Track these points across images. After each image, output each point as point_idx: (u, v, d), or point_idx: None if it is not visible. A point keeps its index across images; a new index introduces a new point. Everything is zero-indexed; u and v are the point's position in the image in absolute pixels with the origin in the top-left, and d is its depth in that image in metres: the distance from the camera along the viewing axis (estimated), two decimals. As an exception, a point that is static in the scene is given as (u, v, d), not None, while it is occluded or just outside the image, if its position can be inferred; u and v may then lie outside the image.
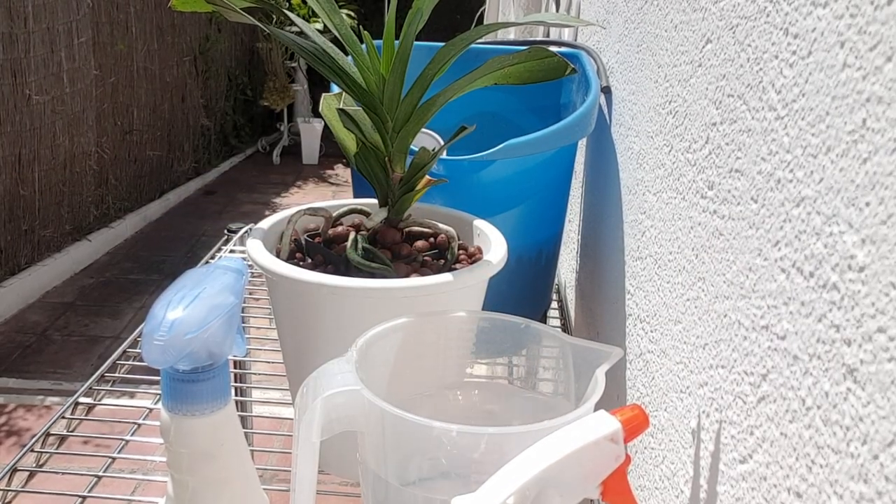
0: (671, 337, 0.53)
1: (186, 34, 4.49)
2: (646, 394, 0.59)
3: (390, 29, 0.55)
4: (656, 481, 0.55)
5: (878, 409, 0.28)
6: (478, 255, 0.59)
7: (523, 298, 0.80)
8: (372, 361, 0.43)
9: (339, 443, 0.42)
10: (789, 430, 0.35)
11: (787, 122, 0.37)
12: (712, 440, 0.44)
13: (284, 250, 0.59)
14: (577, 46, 0.92)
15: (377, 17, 5.58)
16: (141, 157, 4.07)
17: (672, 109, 0.57)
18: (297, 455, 0.39)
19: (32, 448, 0.65)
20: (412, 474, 0.39)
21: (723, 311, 0.44)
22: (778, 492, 0.35)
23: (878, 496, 0.27)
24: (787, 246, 0.36)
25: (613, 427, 0.34)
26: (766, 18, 0.40)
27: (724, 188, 0.44)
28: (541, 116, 0.93)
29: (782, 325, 0.36)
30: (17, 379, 2.50)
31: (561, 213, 0.82)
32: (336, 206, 0.64)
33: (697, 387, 0.47)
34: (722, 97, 0.46)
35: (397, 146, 0.57)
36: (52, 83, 3.15)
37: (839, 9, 0.32)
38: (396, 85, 0.55)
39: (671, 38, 0.58)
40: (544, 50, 0.55)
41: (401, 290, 0.51)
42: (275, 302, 0.58)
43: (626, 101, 0.74)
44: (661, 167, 0.59)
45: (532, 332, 0.46)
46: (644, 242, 0.63)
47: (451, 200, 0.66)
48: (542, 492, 0.32)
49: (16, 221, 3.03)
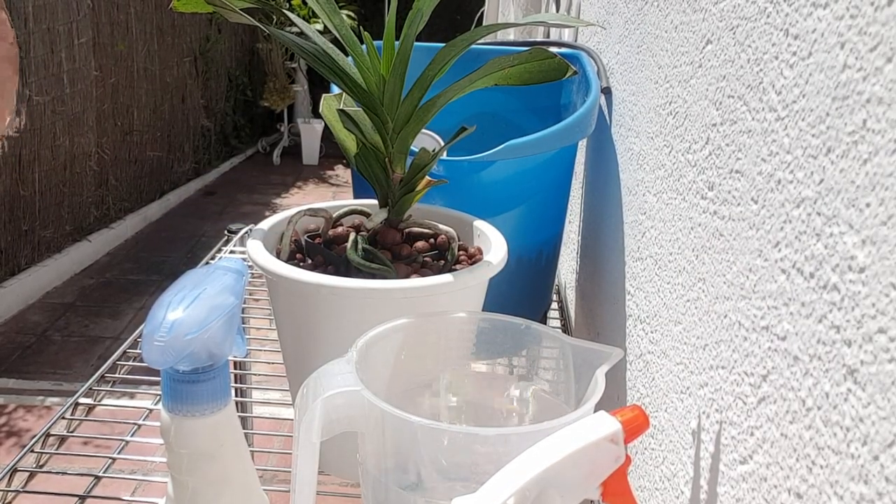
0: (671, 338, 0.53)
1: (187, 35, 4.49)
2: (646, 394, 0.59)
3: (390, 30, 0.55)
4: (656, 482, 0.55)
5: (878, 409, 0.28)
6: (478, 256, 0.59)
7: (523, 299, 0.80)
8: (372, 362, 0.43)
9: (340, 444, 0.42)
10: (790, 431, 0.35)
11: (788, 122, 0.37)
12: (712, 441, 0.44)
13: (285, 251, 0.59)
14: (577, 47, 0.92)
15: (377, 17, 5.59)
16: (141, 157, 4.07)
17: (672, 110, 0.57)
18: (297, 456, 0.39)
19: (32, 448, 0.65)
20: (412, 475, 0.39)
21: (723, 312, 0.44)
22: (778, 493, 0.35)
23: (878, 497, 0.27)
24: (787, 247, 0.36)
25: (614, 428, 0.34)
26: (766, 19, 0.40)
27: (725, 189, 0.44)
28: (541, 117, 0.93)
29: (783, 326, 0.36)
30: (17, 379, 2.50)
31: (561, 214, 0.82)
32: (336, 207, 0.64)
33: (698, 387, 0.47)
34: (722, 98, 0.46)
35: (397, 147, 0.57)
36: (53, 84, 3.15)
37: (839, 10, 0.32)
38: (397, 86, 0.55)
39: (671, 39, 0.58)
40: (545, 51, 0.55)
41: (401, 291, 0.51)
42: (275, 303, 0.58)
43: (626, 101, 0.74)
44: (661, 168, 0.59)
45: (532, 332, 0.46)
46: (644, 243, 0.63)
47: (451, 201, 0.66)
48: (543, 492, 0.32)
49: (16, 222, 3.03)
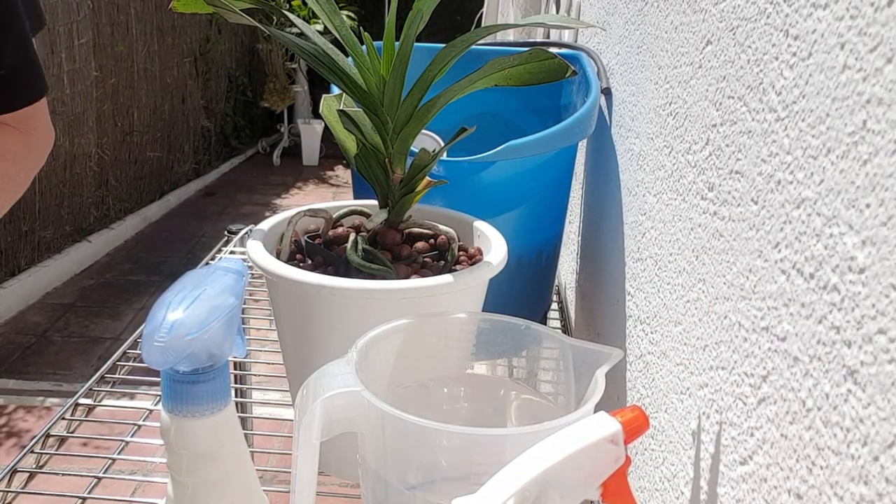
0: (671, 338, 0.53)
1: (187, 35, 4.49)
2: (646, 395, 0.59)
3: (390, 30, 0.55)
4: (656, 483, 0.55)
5: (878, 410, 0.28)
6: (478, 257, 0.59)
7: (523, 299, 0.80)
8: (372, 363, 0.42)
9: (340, 444, 0.42)
10: (790, 432, 0.35)
11: (788, 123, 0.37)
12: (713, 442, 0.44)
13: (285, 251, 0.59)
14: (577, 48, 0.92)
15: (377, 18, 5.59)
16: (141, 158, 4.07)
17: (672, 111, 0.57)
18: (297, 456, 0.39)
19: (32, 449, 0.65)
20: (412, 476, 0.39)
21: (723, 313, 0.44)
22: (778, 493, 0.35)
23: (878, 498, 0.27)
24: (787, 247, 0.36)
25: (614, 428, 0.34)
26: (766, 20, 0.40)
27: (725, 190, 0.44)
28: (541, 118, 0.93)
29: (783, 327, 0.36)
30: (17, 380, 2.50)
31: (561, 215, 0.82)
32: (336, 208, 0.64)
33: (698, 388, 0.47)
34: (722, 99, 0.46)
35: (397, 147, 0.57)
36: (53, 84, 3.15)
37: (839, 10, 0.32)
38: (397, 86, 0.55)
39: (671, 40, 0.58)
40: (545, 51, 0.55)
41: (401, 292, 0.51)
42: (275, 303, 0.58)
43: (626, 102, 0.74)
44: (661, 168, 0.59)
45: (532, 333, 0.46)
46: (644, 244, 0.63)
47: (451, 202, 0.66)
48: (543, 493, 0.32)
49: (16, 222, 3.03)
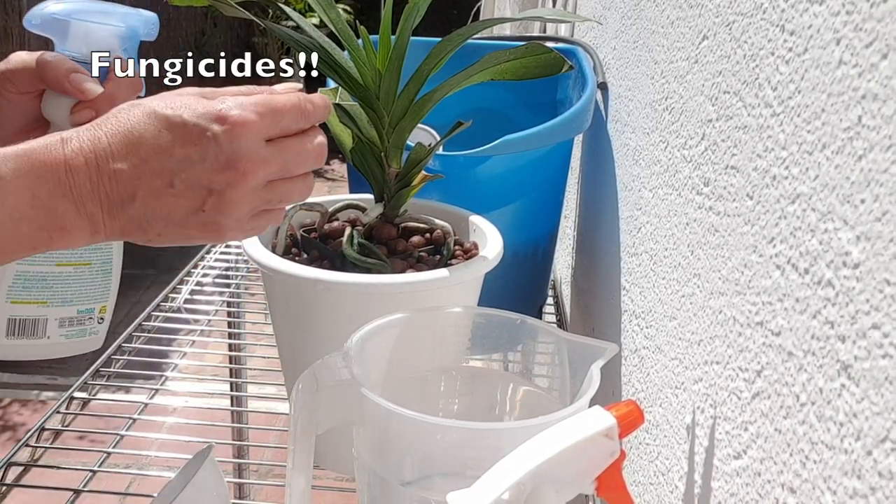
0: (666, 333, 0.53)
1: (182, 29, 4.47)
2: (641, 390, 0.59)
3: (387, 24, 0.55)
4: (651, 477, 0.55)
5: (871, 405, 0.28)
6: (474, 251, 0.59)
7: (519, 294, 0.80)
8: (368, 357, 0.43)
9: (335, 438, 0.42)
10: (783, 426, 0.35)
11: (783, 118, 0.37)
12: (707, 436, 0.44)
13: (280, 245, 0.59)
14: (573, 42, 0.92)
15: (374, 12, 5.56)
16: (136, 151, 4.06)
17: (668, 106, 0.57)
18: (292, 450, 0.39)
19: (27, 443, 0.65)
20: (407, 469, 0.40)
21: (718, 308, 0.44)
22: (772, 487, 0.36)
23: (871, 492, 0.27)
24: (782, 242, 0.36)
25: (608, 423, 0.34)
26: (762, 15, 0.40)
27: (720, 185, 0.45)
28: (537, 112, 0.93)
29: (777, 322, 0.36)
30: (11, 374, 2.49)
31: (557, 209, 0.82)
32: (332, 202, 0.64)
33: (692, 383, 0.47)
34: (718, 94, 0.46)
35: (393, 142, 0.57)
36: (48, 78, 3.13)
37: (835, 5, 0.32)
38: (393, 80, 0.55)
39: (667, 35, 0.58)
40: (541, 46, 0.55)
41: (397, 286, 0.51)
42: (270, 297, 0.58)
43: (622, 97, 0.74)
44: (656, 163, 0.59)
45: (527, 327, 0.46)
46: (640, 239, 0.63)
47: (447, 196, 0.66)
48: (538, 487, 0.32)
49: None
